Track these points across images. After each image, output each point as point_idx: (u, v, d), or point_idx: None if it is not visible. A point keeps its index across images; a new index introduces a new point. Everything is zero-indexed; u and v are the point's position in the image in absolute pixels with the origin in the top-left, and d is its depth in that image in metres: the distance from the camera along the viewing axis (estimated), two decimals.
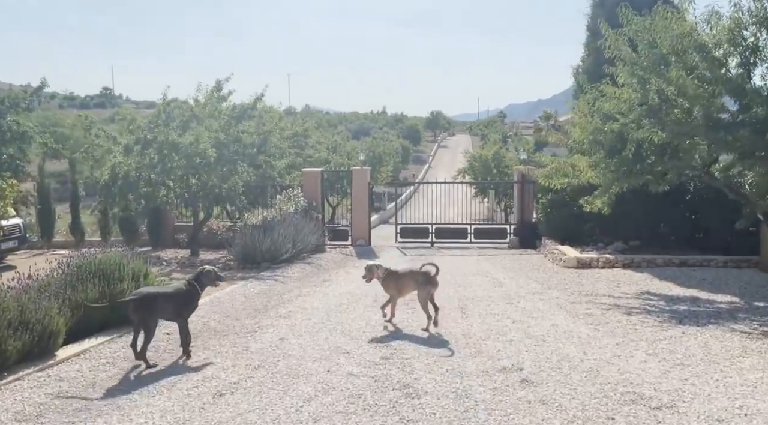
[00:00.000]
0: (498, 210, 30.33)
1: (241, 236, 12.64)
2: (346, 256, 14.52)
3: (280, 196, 15.65)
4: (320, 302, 8.42)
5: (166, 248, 15.55)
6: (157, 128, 13.06)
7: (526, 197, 16.10)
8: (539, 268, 11.98)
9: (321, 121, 66.13)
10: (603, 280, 10.32)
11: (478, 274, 11.22)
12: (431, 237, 16.56)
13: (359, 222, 16.62)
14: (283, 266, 12.20)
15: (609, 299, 8.49)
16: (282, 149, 14.23)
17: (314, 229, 14.28)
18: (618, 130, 8.90)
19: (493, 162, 30.79)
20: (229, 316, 7.59)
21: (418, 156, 64.86)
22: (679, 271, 10.90)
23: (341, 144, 32.29)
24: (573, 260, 11.81)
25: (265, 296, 9.09)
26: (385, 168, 32.32)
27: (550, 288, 9.57)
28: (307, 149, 21.47)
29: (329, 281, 10.56)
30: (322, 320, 7.24)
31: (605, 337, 6.24)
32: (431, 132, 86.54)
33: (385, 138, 43.85)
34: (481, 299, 8.61)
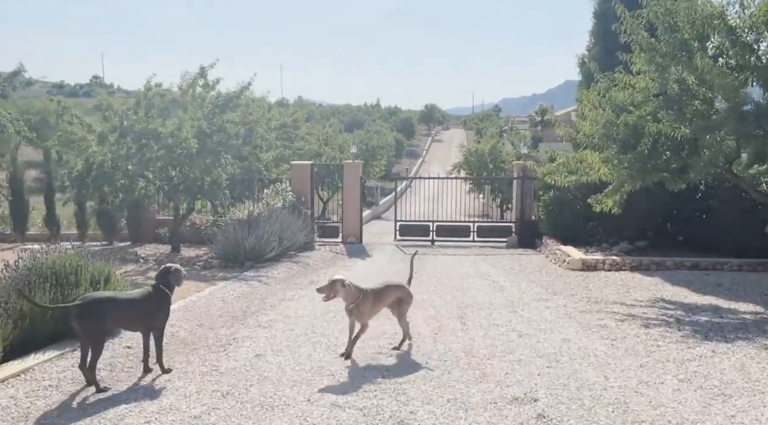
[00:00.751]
0: (494, 206, 29.65)
1: (223, 233, 11.82)
2: (335, 254, 13.73)
3: (268, 190, 14.86)
4: (305, 309, 7.64)
5: (146, 243, 14.70)
6: (136, 115, 12.18)
7: (527, 194, 15.35)
8: (541, 270, 11.24)
9: (313, 113, 65.18)
10: (611, 285, 9.60)
11: (476, 276, 10.47)
12: (432, 235, 15.78)
13: (350, 218, 15.83)
14: (269, 265, 11.40)
15: (621, 308, 7.76)
16: (269, 141, 13.38)
17: (302, 226, 13.48)
18: (633, 123, 8.14)
19: (489, 157, 30.07)
20: (203, 325, 6.79)
21: (412, 150, 64.10)
22: (691, 275, 10.21)
23: (333, 136, 31.45)
24: (578, 262, 11.08)
25: (245, 300, 8.29)
26: (378, 162, 31.55)
27: (556, 294, 8.83)
28: (296, 141, 20.60)
29: (317, 283, 9.74)
30: (306, 331, 6.46)
31: (626, 357, 5.50)
32: (425, 126, 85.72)
33: (378, 131, 42.99)
34: (481, 306, 7.86)
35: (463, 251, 14.37)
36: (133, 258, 12.30)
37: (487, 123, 71.95)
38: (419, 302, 8.00)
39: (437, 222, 16.11)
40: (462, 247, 14.99)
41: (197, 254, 12.65)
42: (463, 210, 21.44)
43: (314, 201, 18.21)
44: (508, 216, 27.41)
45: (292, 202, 14.58)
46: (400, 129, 62.41)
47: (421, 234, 15.81)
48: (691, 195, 12.55)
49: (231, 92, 12.76)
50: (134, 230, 15.24)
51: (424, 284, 9.61)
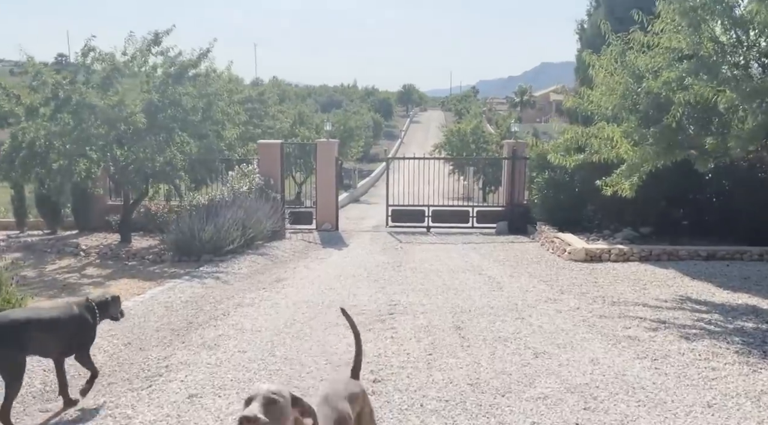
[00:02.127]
0: (477, 189, 28.40)
1: (177, 222, 10.27)
2: (308, 244, 12.29)
3: (233, 172, 13.30)
4: (265, 318, 6.21)
5: (95, 232, 13.05)
6: (72, 85, 10.45)
7: (517, 176, 14.06)
8: (540, 261, 9.98)
9: (288, 93, 62.96)
10: (623, 279, 8.38)
11: (468, 270, 9.15)
12: (427, 221, 14.36)
13: (325, 203, 14.36)
14: (230, 258, 9.92)
15: (646, 312, 6.51)
16: (230, 116, 11.76)
17: (271, 212, 11.98)
18: (658, 90, 6.82)
19: (471, 137, 28.74)
20: (131, 344, 5.32)
21: (390, 131, 62.52)
22: (710, 266, 9.05)
23: (309, 116, 29.75)
24: (581, 252, 9.84)
25: (194, 306, 6.82)
26: (356, 143, 29.97)
27: (563, 292, 7.56)
28: (266, 120, 18.91)
29: (283, 281, 8.34)
30: (263, 353, 5.04)
31: (681, 388, 4.22)
32: (403, 107, 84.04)
33: (356, 111, 41.30)
34: (480, 311, 6.53)
35: (450, 239, 13.04)
36: (72, 250, 10.69)
37: (466, 103, 70.56)
38: (407, 307, 6.64)
39: (433, 207, 14.71)
40: (450, 234, 13.67)
41: (150, 245, 11.11)
42: (445, 193, 20.12)
43: (285, 184, 16.69)
44: (491, 199, 26.30)
45: (259, 185, 13.07)
46: (377, 110, 60.64)
47: (416, 220, 14.39)
48: (700, 176, 11.35)
49: (186, 60, 11.09)
50: (81, 218, 13.56)
51: (410, 281, 8.25)
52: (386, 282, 8.20)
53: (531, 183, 13.07)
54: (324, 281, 8.25)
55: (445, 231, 13.95)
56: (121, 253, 10.34)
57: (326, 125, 15.11)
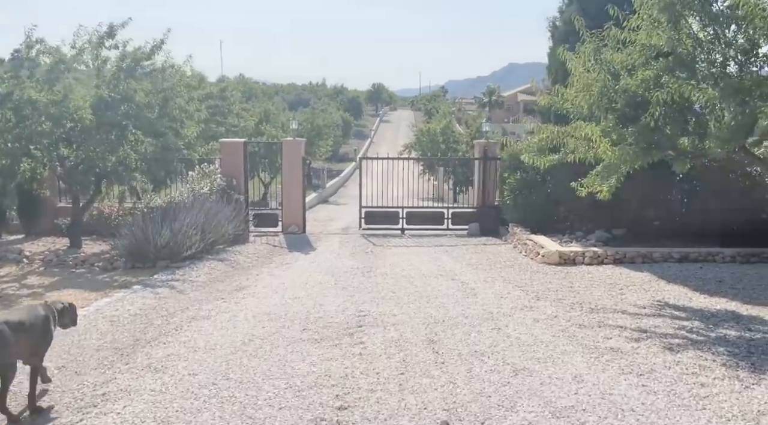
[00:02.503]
0: (447, 189, 28.18)
1: (130, 226, 9.60)
2: (273, 248, 11.74)
3: (193, 172, 12.65)
4: (222, 333, 5.69)
5: (43, 236, 12.23)
6: (14, 79, 9.67)
7: (489, 176, 13.78)
8: (513, 265, 9.68)
9: (255, 91, 61.86)
10: (598, 283, 8.13)
11: (440, 276, 8.78)
12: (402, 223, 13.92)
13: (291, 204, 13.81)
14: (188, 265, 9.32)
15: (625, 319, 6.23)
16: (189, 113, 11.10)
17: (233, 214, 11.39)
18: (635, 88, 6.56)
19: (441, 137, 28.49)
20: (67, 367, 4.74)
21: (360, 131, 62.09)
22: (684, 269, 8.89)
23: (275, 114, 29.04)
24: (554, 255, 9.58)
25: (144, 319, 6.24)
26: (325, 142, 29.39)
27: (539, 298, 7.24)
28: (230, 117, 18.21)
29: (244, 289, 7.80)
30: (216, 376, 4.53)
31: (672, 409, 3.90)
32: (372, 106, 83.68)
33: (324, 109, 40.67)
34: (454, 321, 6.14)
35: (422, 241, 12.66)
36: (15, 257, 9.89)
37: (435, 103, 70.58)
38: (377, 318, 6.20)
39: (408, 208, 14.27)
40: (422, 236, 13.28)
41: (102, 251, 10.40)
42: (415, 194, 19.77)
43: (250, 185, 16.06)
44: (462, 200, 26.10)
45: (221, 186, 12.45)
46: (347, 108, 60.07)
47: (390, 222, 13.94)
48: (671, 177, 11.27)
49: (139, 53, 10.39)
50: (28, 221, 12.68)
51: (381, 288, 7.81)
52: (355, 290, 7.76)
53: (503, 184, 12.80)
54: (288, 290, 7.75)
55: (419, 233, 13.57)
56: (68, 260, 9.61)
57: (292, 123, 14.54)
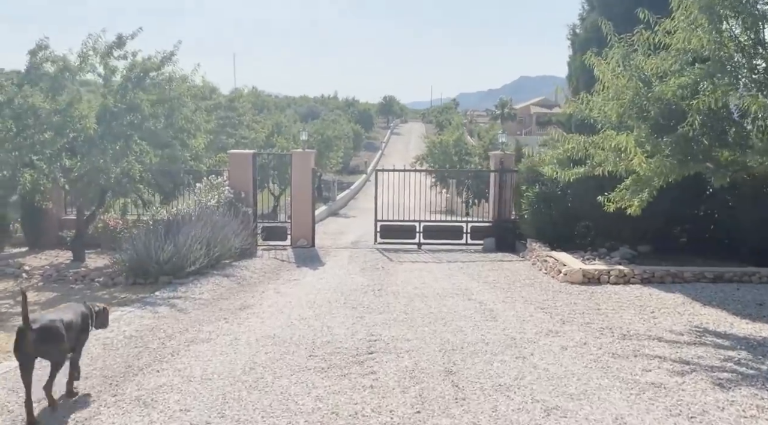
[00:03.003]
0: (459, 202, 27.66)
1: (132, 240, 9.21)
2: (281, 262, 11.29)
3: (201, 184, 12.30)
4: (221, 359, 5.22)
5: (48, 249, 11.92)
6: (18, 87, 9.38)
7: (505, 189, 13.27)
8: (533, 283, 9.14)
9: (267, 103, 61.95)
10: (627, 305, 7.57)
11: (456, 295, 8.26)
12: (418, 237, 13.42)
13: (301, 217, 13.38)
14: (192, 280, 8.90)
15: (663, 348, 5.68)
16: (196, 123, 10.72)
17: (240, 228, 10.98)
18: (671, 96, 6.07)
19: (454, 149, 28.02)
20: (45, 399, 4.28)
21: (371, 143, 61.79)
22: (719, 290, 8.30)
23: (287, 126, 28.78)
24: (577, 274, 9.03)
25: (139, 343, 5.79)
26: (335, 153, 29.03)
27: (565, 322, 6.71)
28: (241, 129, 17.89)
29: (248, 308, 7.34)
30: (210, 412, 4.05)
31: None
32: (383, 118, 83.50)
33: (335, 120, 40.42)
34: (474, 348, 5.63)
35: (435, 257, 12.15)
36: (14, 272, 9.54)
37: (447, 115, 70.25)
38: (389, 343, 5.71)
39: (425, 222, 13.77)
40: (431, 251, 12.78)
41: (105, 265, 10.03)
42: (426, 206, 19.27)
43: (259, 197, 15.69)
44: (474, 213, 25.53)
45: (229, 198, 12.08)
46: (358, 121, 59.85)
47: (406, 236, 13.44)
48: (700, 191, 10.71)
49: (149, 62, 10.07)
50: (32, 234, 12.39)
51: (393, 309, 7.32)
52: (365, 310, 7.27)
53: (520, 197, 12.28)
54: (295, 309, 7.28)
55: (433, 248, 13.05)
56: (68, 275, 9.23)
57: (302, 134, 14.15)
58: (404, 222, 13.80)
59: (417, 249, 13.05)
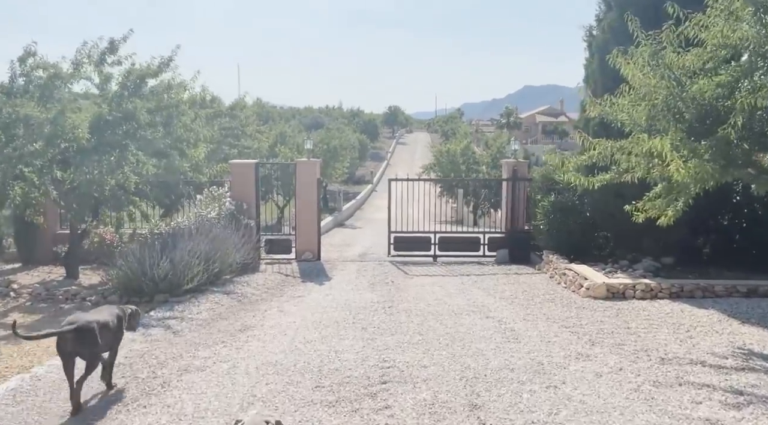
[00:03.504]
0: (467, 211, 27.10)
1: (125, 256, 8.69)
2: (285, 277, 10.74)
3: (201, 196, 11.82)
4: (216, 392, 4.66)
5: (41, 265, 11.43)
6: (7, 96, 8.94)
7: (518, 199, 12.70)
8: (554, 299, 8.55)
9: (272, 114, 61.75)
10: (659, 323, 6.98)
11: (473, 312, 7.69)
12: (434, 249, 12.86)
13: (306, 229, 12.83)
14: (190, 298, 8.36)
15: (709, 374, 5.09)
16: (195, 131, 10.24)
17: (242, 241, 10.45)
18: (709, 95, 5.53)
19: (461, 158, 27.50)
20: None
21: (376, 153, 61.43)
22: (755, 305, 7.70)
23: (291, 136, 28.35)
24: (601, 288, 8.44)
25: (127, 372, 5.24)
26: (341, 163, 28.56)
27: (594, 343, 6.13)
28: (243, 139, 17.44)
29: (249, 330, 6.79)
30: None
31: None
32: (389, 128, 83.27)
33: (340, 129, 40.00)
34: (498, 375, 5.05)
35: (444, 270, 11.58)
36: (1, 291, 9.02)
37: (453, 124, 69.90)
38: (404, 371, 5.14)
39: (441, 234, 13.18)
40: (443, 265, 12.20)
41: (99, 282, 9.52)
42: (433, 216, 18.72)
43: (263, 209, 15.19)
44: (482, 224, 24.94)
45: (230, 210, 11.57)
46: (363, 131, 59.52)
47: (421, 248, 12.86)
48: (727, 199, 10.13)
49: (146, 69, 9.61)
50: (25, 249, 11.90)
51: (406, 329, 6.75)
52: (376, 331, 6.71)
53: (535, 207, 11.72)
54: (299, 331, 6.73)
55: (447, 260, 12.46)
56: (58, 293, 8.71)
57: (307, 143, 13.67)
58: (419, 233, 13.23)
59: (432, 262, 12.47)
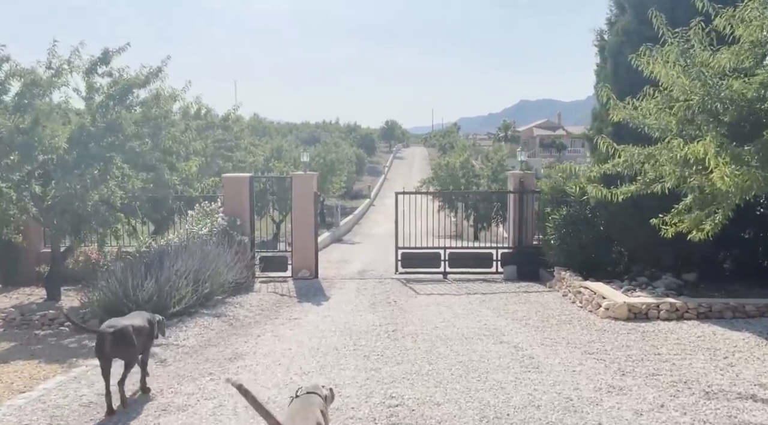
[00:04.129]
0: (467, 225, 26.48)
1: (106, 276, 8.03)
2: (280, 297, 10.08)
3: (193, 211, 11.23)
4: None
5: (23, 286, 10.80)
6: None
7: (526, 212, 12.11)
8: (571, 320, 7.91)
9: (269, 130, 61.32)
10: (691, 348, 6.34)
11: (485, 336, 7.04)
12: (444, 266, 12.18)
13: (302, 245, 12.20)
14: (177, 322, 7.70)
15: (762, 411, 4.45)
16: (185, 143, 9.63)
17: (234, 259, 9.81)
18: (751, 95, 4.98)
19: (461, 171, 26.94)
20: None
21: (373, 167, 60.95)
22: None
23: (287, 150, 27.80)
24: (622, 309, 7.81)
25: (98, 412, 4.57)
26: (338, 178, 27.96)
27: (625, 373, 5.48)
28: (237, 152, 16.85)
29: (240, 359, 6.13)
30: None
31: None
32: (385, 143, 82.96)
33: (337, 143, 39.49)
34: (523, 415, 4.40)
35: (449, 288, 10.94)
36: None
37: (450, 138, 69.60)
38: (415, 410, 4.48)
39: (450, 249, 12.54)
40: (448, 282, 11.55)
41: (81, 305, 8.82)
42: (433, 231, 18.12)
43: (260, 224, 14.57)
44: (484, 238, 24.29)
45: (223, 227, 10.96)
46: (360, 145, 59.06)
47: (430, 265, 12.21)
48: (749, 211, 9.53)
49: (133, 78, 9.01)
50: (6, 269, 11.24)
51: (413, 357, 6.09)
52: (380, 359, 6.05)
53: (544, 221, 11.11)
54: (295, 359, 6.07)
55: (458, 277, 11.81)
56: (34, 318, 8.02)
57: (303, 155, 13.07)
58: (427, 249, 12.58)
59: (442, 279, 11.83)
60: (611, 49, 9.38)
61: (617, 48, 9.24)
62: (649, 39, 8.47)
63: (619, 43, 9.22)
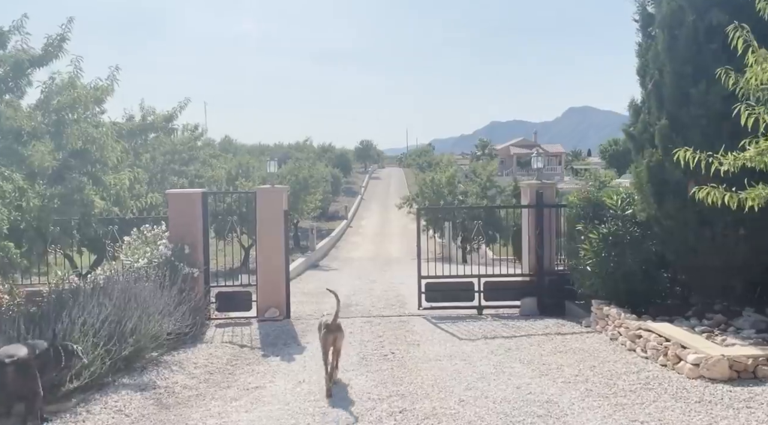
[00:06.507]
0: (455, 247, 24.22)
1: None
2: (239, 350, 7.55)
3: (129, 237, 8.81)
4: None
5: None
6: None
7: (547, 231, 9.85)
8: (648, 382, 5.58)
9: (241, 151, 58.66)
10: None
11: (539, 417, 4.66)
12: (479, 299, 9.69)
13: (270, 277, 9.68)
14: (76, 405, 5.14)
15: None
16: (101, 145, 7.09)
17: (175, 301, 7.29)
18: None
19: (447, 188, 24.73)
20: None
21: (349, 188, 58.81)
22: None
23: (256, 167, 25.23)
24: (721, 365, 5.51)
25: None
26: (313, 197, 25.47)
27: None
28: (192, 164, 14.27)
29: None
30: None
31: None
32: (360, 164, 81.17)
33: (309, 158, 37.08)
34: None
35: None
36: None
37: (427, 158, 68.00)
38: None
39: (485, 277, 10.10)
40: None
41: None
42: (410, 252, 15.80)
43: (221, 250, 12.02)
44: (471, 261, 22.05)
45: (166, 256, 8.49)
46: (336, 165, 56.81)
47: (461, 298, 9.72)
48: None
49: (21, 52, 6.54)
50: None
51: None
52: None
53: (575, 241, 8.84)
54: None
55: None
56: None
57: (270, 164, 10.63)
58: (458, 278, 10.13)
59: (477, 315, 9.40)
60: (664, 20, 7.25)
61: (672, 16, 7.12)
62: (716, 4, 6.60)
63: (674, 10, 7.11)
